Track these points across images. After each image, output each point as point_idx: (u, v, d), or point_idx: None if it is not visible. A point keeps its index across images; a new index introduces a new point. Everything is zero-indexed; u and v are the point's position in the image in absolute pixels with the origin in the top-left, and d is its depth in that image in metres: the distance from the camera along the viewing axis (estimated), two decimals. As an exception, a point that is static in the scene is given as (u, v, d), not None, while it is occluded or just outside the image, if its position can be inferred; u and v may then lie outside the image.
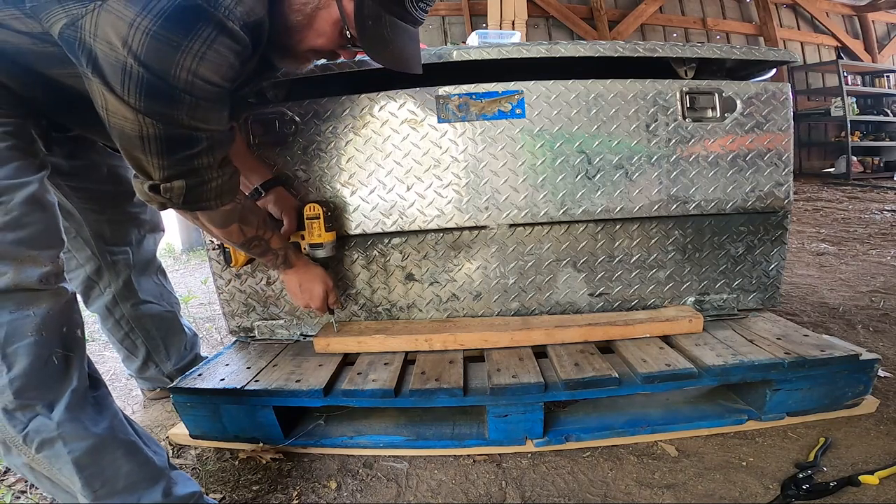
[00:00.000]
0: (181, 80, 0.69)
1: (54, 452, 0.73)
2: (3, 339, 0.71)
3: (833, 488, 0.92)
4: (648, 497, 0.95)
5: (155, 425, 1.30)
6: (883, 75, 6.09)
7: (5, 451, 0.75)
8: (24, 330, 0.72)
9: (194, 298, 2.41)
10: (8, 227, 0.73)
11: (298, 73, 1.17)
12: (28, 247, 0.75)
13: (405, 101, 1.21)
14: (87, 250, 1.21)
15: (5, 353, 0.71)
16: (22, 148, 0.79)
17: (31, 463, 0.75)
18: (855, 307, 1.83)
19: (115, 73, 0.67)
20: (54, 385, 0.74)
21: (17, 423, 0.72)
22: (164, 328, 1.35)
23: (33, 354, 0.72)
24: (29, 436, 0.72)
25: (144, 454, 0.79)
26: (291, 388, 1.07)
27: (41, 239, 0.77)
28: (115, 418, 0.79)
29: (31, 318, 0.73)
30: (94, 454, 0.74)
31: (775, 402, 1.10)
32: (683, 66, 1.26)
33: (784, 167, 1.29)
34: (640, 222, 1.31)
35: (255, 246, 1.04)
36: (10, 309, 0.72)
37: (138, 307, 1.30)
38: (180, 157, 0.77)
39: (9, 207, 0.74)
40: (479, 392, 1.07)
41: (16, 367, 0.71)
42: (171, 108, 0.71)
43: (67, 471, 0.73)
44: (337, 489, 1.01)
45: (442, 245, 1.30)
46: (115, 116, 0.71)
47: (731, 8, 5.94)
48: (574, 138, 1.24)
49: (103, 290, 1.26)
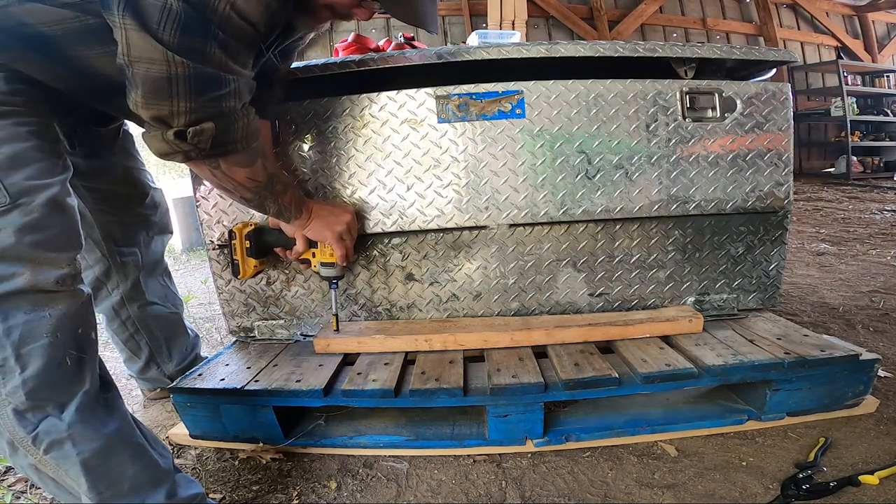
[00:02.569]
0: (219, 13, 0.69)
1: (63, 454, 0.73)
2: (18, 339, 0.71)
3: (833, 488, 0.92)
4: (648, 497, 0.95)
5: (155, 425, 1.30)
6: (883, 75, 6.10)
7: (11, 451, 0.75)
8: (39, 331, 0.72)
9: (194, 298, 2.41)
10: (27, 228, 0.73)
11: (298, 75, 1.17)
12: (46, 249, 0.75)
13: (405, 101, 1.21)
14: (97, 252, 1.21)
15: (19, 353, 0.71)
16: (46, 149, 0.79)
17: (37, 464, 0.75)
18: (855, 307, 1.83)
19: (154, 9, 0.67)
20: (66, 386, 0.74)
21: (28, 423, 0.72)
22: (169, 330, 1.36)
23: (47, 356, 0.72)
24: (38, 437, 0.72)
25: (151, 457, 0.80)
26: (291, 388, 1.07)
27: (60, 241, 0.77)
28: (123, 420, 0.80)
29: (46, 319, 0.73)
30: (102, 456, 0.75)
31: (775, 402, 1.10)
32: (683, 66, 1.26)
33: (784, 167, 1.29)
34: (640, 222, 1.31)
35: (276, 182, 0.99)
36: (25, 310, 0.72)
37: (145, 308, 1.30)
38: (209, 99, 0.76)
39: (30, 209, 0.74)
40: (479, 392, 1.07)
41: (29, 368, 0.72)
42: (204, 44, 0.71)
43: (74, 472, 0.73)
44: (337, 489, 1.01)
45: (442, 245, 1.30)
46: (140, 62, 0.70)
47: (731, 8, 5.95)
48: (574, 138, 1.24)
49: (111, 291, 1.26)
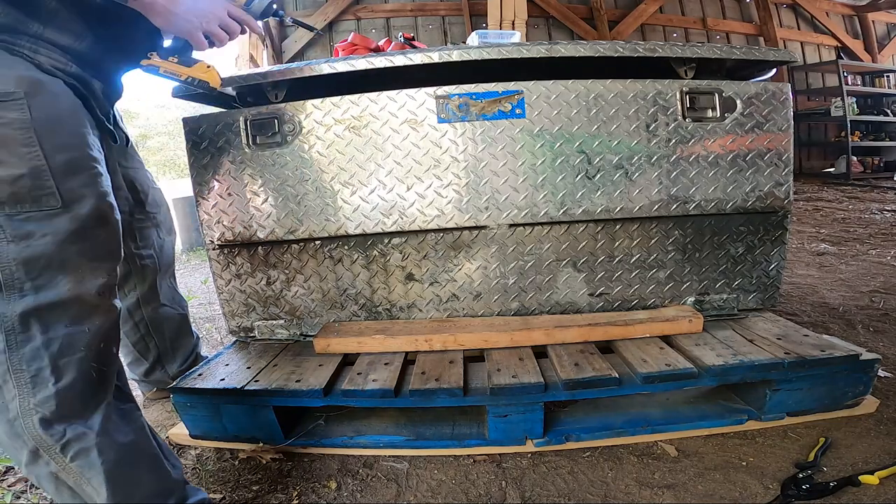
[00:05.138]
0: None
1: (89, 462, 0.74)
2: (57, 351, 0.72)
3: (833, 488, 0.92)
4: (648, 497, 0.95)
5: (155, 425, 1.29)
6: (883, 75, 6.09)
7: (31, 460, 0.75)
8: (77, 345, 0.74)
9: (194, 298, 2.41)
10: (74, 236, 0.74)
11: (299, 75, 1.18)
12: (90, 258, 0.76)
13: (405, 102, 1.21)
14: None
15: (56, 365, 0.72)
16: (95, 154, 0.80)
17: (59, 472, 0.75)
18: (855, 307, 1.83)
19: None
20: (93, 397, 0.76)
21: (55, 432, 0.73)
22: (176, 331, 1.37)
23: (81, 369, 0.74)
24: (68, 445, 0.73)
25: (164, 467, 0.82)
26: (291, 388, 1.07)
27: (103, 250, 0.78)
28: (141, 431, 0.82)
29: (85, 333, 0.75)
30: (122, 465, 0.76)
31: (775, 402, 1.10)
32: (683, 66, 1.26)
33: (784, 167, 1.29)
34: (640, 222, 1.30)
35: None
36: (66, 322, 0.73)
37: (157, 310, 1.31)
38: None
39: (79, 216, 0.74)
40: (479, 392, 1.07)
41: (64, 380, 0.73)
42: None
43: (97, 481, 0.74)
44: (337, 489, 1.01)
45: (442, 245, 1.30)
46: None
47: (731, 8, 5.93)
48: (574, 138, 1.24)
49: (127, 294, 1.27)
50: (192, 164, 1.27)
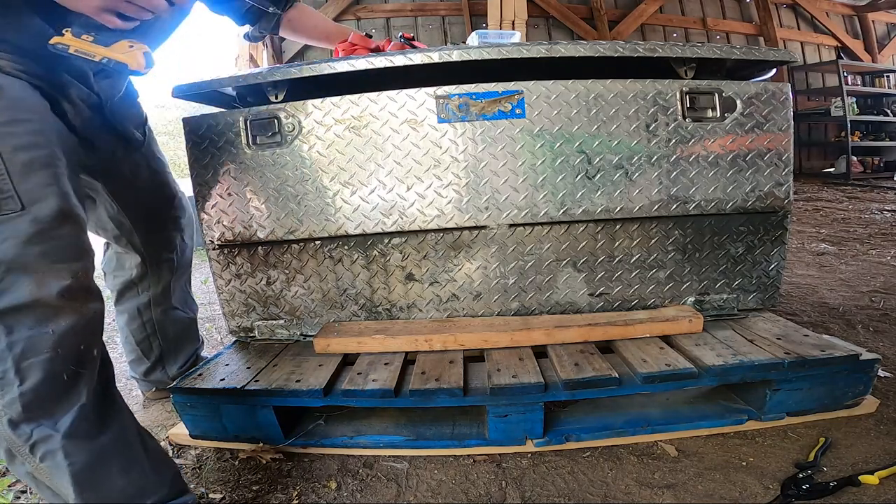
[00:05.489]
0: None
1: (55, 463, 0.74)
2: (20, 354, 0.72)
3: (833, 488, 0.92)
4: (648, 497, 0.95)
5: (155, 425, 1.30)
6: (883, 75, 6.09)
7: (10, 460, 0.76)
8: (40, 347, 0.73)
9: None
10: (36, 237, 0.73)
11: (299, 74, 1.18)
12: (52, 260, 0.74)
13: (405, 102, 1.21)
14: (137, 256, 1.23)
15: (19, 367, 0.72)
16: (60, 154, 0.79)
17: (34, 472, 0.76)
18: (855, 307, 1.83)
19: None
20: (62, 400, 0.75)
21: (22, 433, 0.73)
22: (183, 334, 1.37)
23: (46, 370, 0.73)
24: (35, 446, 0.73)
25: (143, 469, 0.80)
26: (291, 388, 1.07)
27: (67, 252, 0.76)
28: (120, 432, 0.80)
29: (49, 335, 0.73)
30: (92, 468, 0.75)
31: (775, 402, 1.10)
32: (683, 66, 1.26)
33: (784, 167, 1.29)
34: (640, 222, 1.30)
35: None
36: (28, 325, 0.72)
37: (167, 313, 1.32)
38: None
39: (39, 217, 0.73)
40: (479, 392, 1.07)
41: (28, 382, 0.72)
42: None
43: (65, 482, 0.74)
44: (337, 489, 1.01)
45: (442, 245, 1.30)
46: None
47: (731, 8, 5.94)
48: (574, 138, 1.24)
49: (140, 293, 1.27)
50: (192, 164, 1.27)
